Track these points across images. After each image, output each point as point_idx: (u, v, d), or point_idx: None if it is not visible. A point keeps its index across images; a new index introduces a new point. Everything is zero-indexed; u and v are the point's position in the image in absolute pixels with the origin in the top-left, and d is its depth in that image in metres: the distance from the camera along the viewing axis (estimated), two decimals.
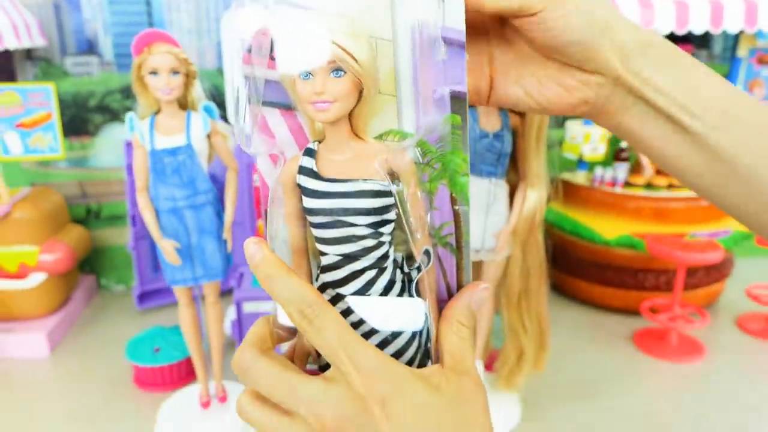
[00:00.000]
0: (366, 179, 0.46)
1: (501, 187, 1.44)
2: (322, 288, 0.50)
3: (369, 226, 0.50)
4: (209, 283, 1.47)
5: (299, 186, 0.50)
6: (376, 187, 0.47)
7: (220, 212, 1.44)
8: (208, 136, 1.39)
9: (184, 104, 1.39)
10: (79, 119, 2.23)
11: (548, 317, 1.58)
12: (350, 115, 0.45)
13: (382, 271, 0.52)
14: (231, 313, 1.91)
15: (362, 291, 0.50)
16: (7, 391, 1.74)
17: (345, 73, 0.44)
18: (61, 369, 1.86)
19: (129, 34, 2.17)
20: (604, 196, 2.13)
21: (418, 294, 0.47)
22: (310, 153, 0.50)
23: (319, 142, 0.50)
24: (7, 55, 2.13)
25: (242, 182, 1.86)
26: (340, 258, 0.49)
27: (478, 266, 1.54)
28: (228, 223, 1.43)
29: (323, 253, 0.50)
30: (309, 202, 0.49)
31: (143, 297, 2.17)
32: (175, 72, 1.30)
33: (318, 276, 0.51)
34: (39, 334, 1.91)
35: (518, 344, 1.56)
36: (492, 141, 1.37)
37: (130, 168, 2.03)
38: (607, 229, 2.09)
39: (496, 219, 1.44)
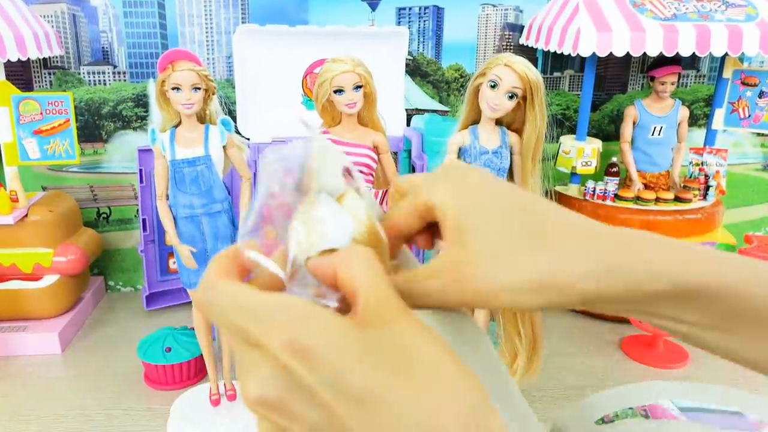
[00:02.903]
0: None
1: None
2: None
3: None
4: None
5: None
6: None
7: (234, 220, 1.52)
8: (224, 148, 1.48)
9: (202, 118, 1.48)
10: (92, 126, 2.31)
11: (541, 324, 1.67)
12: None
13: None
14: None
15: None
16: (21, 387, 1.82)
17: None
18: (73, 367, 1.93)
19: (142, 46, 2.26)
20: (596, 209, 2.23)
21: None
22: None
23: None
24: (25, 63, 2.21)
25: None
26: None
27: None
28: None
29: None
30: None
31: (151, 298, 2.25)
32: (196, 88, 1.39)
33: None
34: (52, 333, 1.98)
35: (512, 350, 1.65)
36: (491, 157, 1.46)
37: (141, 174, 2.11)
38: None
39: None
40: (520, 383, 1.66)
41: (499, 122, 1.49)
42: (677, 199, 2.20)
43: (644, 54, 1.96)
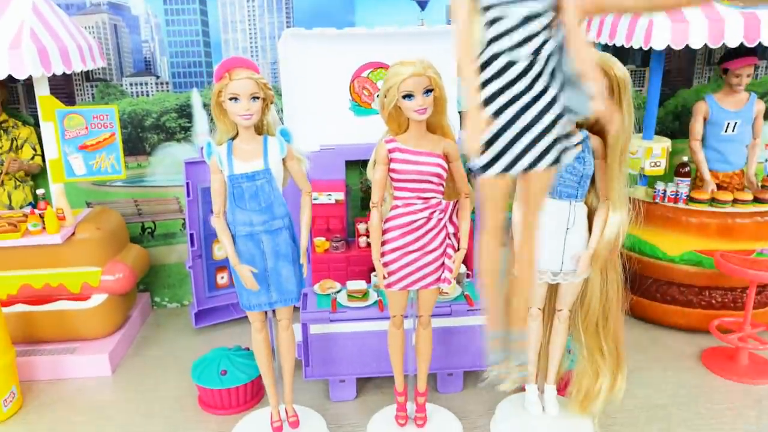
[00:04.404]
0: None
1: (581, 209, 1.41)
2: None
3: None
4: (283, 307, 1.46)
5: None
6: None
7: (294, 236, 1.43)
8: (284, 161, 1.39)
9: (259, 129, 1.39)
10: (136, 138, 2.24)
11: (625, 341, 1.54)
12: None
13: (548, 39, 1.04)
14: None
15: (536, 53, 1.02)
16: (73, 412, 1.75)
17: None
18: (124, 390, 1.86)
19: (185, 54, 2.19)
20: (666, 212, 2.09)
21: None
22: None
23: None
24: (68, 76, 2.16)
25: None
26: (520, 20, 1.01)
27: (554, 289, 1.51)
28: (304, 247, 1.42)
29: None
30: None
31: (199, 315, 2.17)
32: (255, 97, 1.29)
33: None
34: (102, 354, 1.92)
35: (595, 368, 1.52)
36: (573, 163, 1.34)
37: (188, 187, 2.04)
38: (671, 245, 2.05)
39: (576, 241, 1.41)
40: (604, 404, 1.54)
41: (579, 125, 1.37)
42: (756, 200, 2.05)
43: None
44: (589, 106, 1.00)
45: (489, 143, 1.02)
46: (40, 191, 1.88)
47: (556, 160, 1.05)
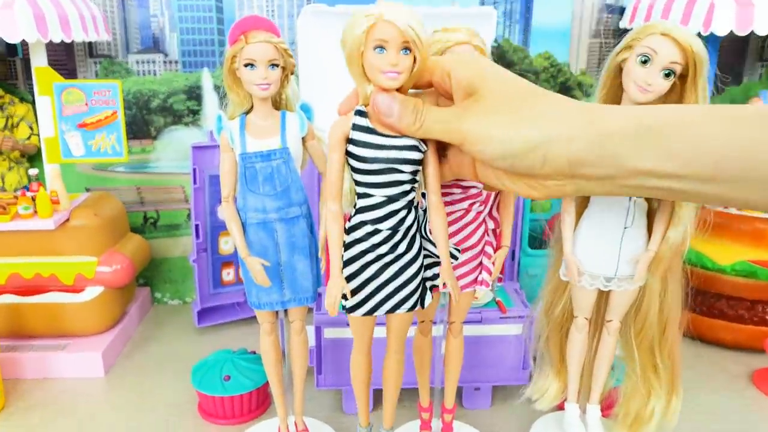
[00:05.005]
0: (409, 137, 0.76)
1: (641, 207, 1.23)
2: (360, 225, 0.87)
3: (411, 173, 0.82)
4: (297, 307, 1.29)
5: (351, 140, 0.82)
6: (416, 144, 0.79)
7: (313, 227, 1.26)
8: (303, 140, 1.22)
9: (277, 103, 1.22)
10: (141, 121, 2.08)
11: (681, 359, 1.36)
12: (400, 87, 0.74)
13: (410, 211, 0.86)
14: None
15: (396, 227, 0.86)
16: (60, 415, 1.58)
17: (410, 51, 0.73)
18: (117, 392, 1.69)
19: (196, 31, 2.03)
20: (715, 217, 1.90)
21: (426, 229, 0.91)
22: (361, 114, 0.82)
23: (365, 105, 0.81)
24: (69, 51, 2.00)
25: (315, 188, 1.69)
26: (383, 199, 0.84)
27: (604, 296, 1.33)
28: (323, 240, 1.25)
29: (366, 195, 0.85)
30: (364, 152, 0.81)
31: (203, 314, 2.01)
32: (274, 64, 1.13)
33: (353, 215, 0.87)
34: (95, 352, 1.75)
35: (647, 388, 1.34)
36: None
37: (195, 173, 1.87)
38: (721, 254, 1.87)
39: (634, 243, 1.23)
40: (656, 429, 1.35)
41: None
42: None
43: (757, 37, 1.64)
44: None
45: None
46: (32, 171, 1.71)
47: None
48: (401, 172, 0.84)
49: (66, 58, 2.01)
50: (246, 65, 1.11)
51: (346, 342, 1.53)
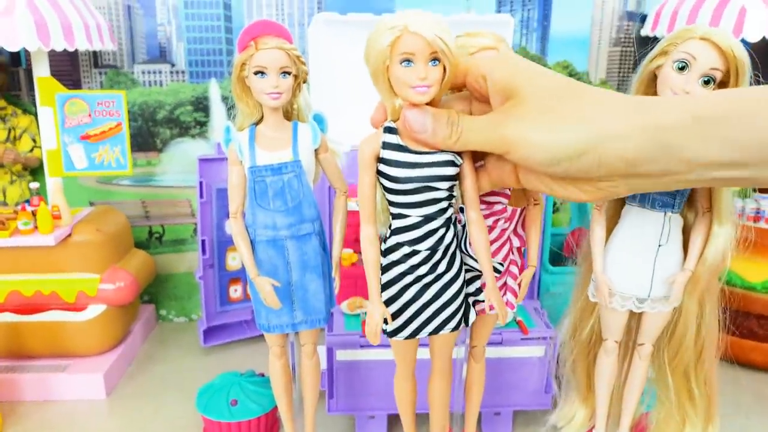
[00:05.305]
0: (444, 151, 0.74)
1: (676, 223, 1.15)
2: (397, 246, 0.84)
3: (447, 189, 0.79)
4: (309, 330, 1.21)
5: (381, 159, 0.78)
6: (451, 158, 0.75)
7: (325, 245, 1.18)
8: (316, 152, 1.15)
9: (288, 113, 1.15)
10: (146, 133, 2.02)
11: (717, 384, 1.28)
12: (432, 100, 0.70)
13: (448, 228, 0.83)
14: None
15: (435, 246, 0.83)
16: None
17: (439, 61, 0.70)
18: (119, 415, 1.62)
19: (204, 41, 1.97)
20: (746, 232, 1.81)
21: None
22: (391, 130, 0.77)
23: (394, 121, 0.77)
24: (73, 61, 1.95)
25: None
26: (420, 219, 0.81)
27: (635, 318, 1.25)
28: (337, 258, 1.18)
29: (401, 216, 0.81)
30: (397, 171, 0.77)
31: (209, 333, 1.93)
32: (286, 72, 1.06)
33: (388, 237, 0.84)
34: (96, 374, 1.68)
35: (682, 415, 1.26)
36: None
37: (202, 187, 1.81)
38: (752, 271, 1.78)
39: (670, 262, 1.15)
40: None
41: None
42: None
43: None
44: None
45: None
46: (33, 185, 1.65)
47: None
48: (437, 189, 0.78)
49: (70, 69, 1.96)
50: (256, 73, 1.05)
51: (359, 365, 1.45)
